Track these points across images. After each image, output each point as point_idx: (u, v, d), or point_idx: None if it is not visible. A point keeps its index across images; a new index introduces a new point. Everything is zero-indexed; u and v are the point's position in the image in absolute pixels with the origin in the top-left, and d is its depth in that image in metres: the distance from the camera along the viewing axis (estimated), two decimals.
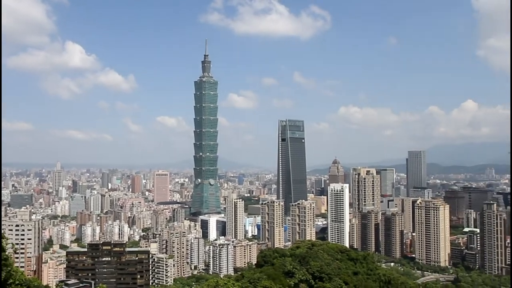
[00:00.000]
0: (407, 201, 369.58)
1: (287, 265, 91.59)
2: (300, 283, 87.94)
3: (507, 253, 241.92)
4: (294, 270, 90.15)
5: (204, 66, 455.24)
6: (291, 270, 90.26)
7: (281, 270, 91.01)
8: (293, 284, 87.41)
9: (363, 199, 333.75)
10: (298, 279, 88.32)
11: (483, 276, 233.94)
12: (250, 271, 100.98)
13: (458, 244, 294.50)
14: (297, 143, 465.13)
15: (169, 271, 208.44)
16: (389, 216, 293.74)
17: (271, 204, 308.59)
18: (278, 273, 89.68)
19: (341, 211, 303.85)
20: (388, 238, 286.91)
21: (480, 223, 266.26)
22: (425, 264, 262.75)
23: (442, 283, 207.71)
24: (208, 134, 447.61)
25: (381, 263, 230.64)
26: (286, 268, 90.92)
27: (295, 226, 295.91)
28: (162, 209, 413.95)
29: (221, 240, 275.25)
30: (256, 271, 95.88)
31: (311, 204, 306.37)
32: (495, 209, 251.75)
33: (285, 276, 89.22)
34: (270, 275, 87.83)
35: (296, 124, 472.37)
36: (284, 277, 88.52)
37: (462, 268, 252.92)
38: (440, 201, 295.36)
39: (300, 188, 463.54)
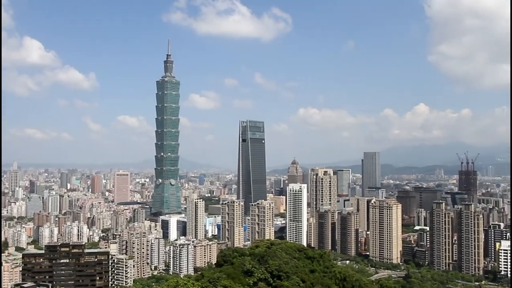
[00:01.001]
0: (362, 201, 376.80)
1: (246, 264, 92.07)
2: (259, 281, 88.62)
3: (454, 249, 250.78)
4: (253, 269, 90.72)
5: (166, 66, 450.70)
6: (250, 269, 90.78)
7: (240, 269, 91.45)
8: (252, 283, 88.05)
9: (321, 199, 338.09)
10: (257, 278, 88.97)
11: (432, 272, 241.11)
12: (210, 271, 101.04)
13: (409, 241, 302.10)
14: (257, 143, 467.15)
15: (129, 272, 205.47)
16: (345, 215, 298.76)
17: (231, 204, 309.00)
18: (238, 272, 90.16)
19: (299, 210, 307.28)
20: (344, 237, 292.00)
21: (429, 222, 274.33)
22: (379, 261, 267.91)
23: (394, 279, 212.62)
24: (169, 134, 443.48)
25: (337, 261, 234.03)
26: (245, 267, 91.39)
27: (254, 225, 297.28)
28: (122, 209, 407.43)
29: (182, 240, 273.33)
30: (216, 270, 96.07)
31: (270, 204, 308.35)
32: (443, 208, 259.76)
33: (244, 275, 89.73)
34: (229, 274, 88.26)
35: (257, 125, 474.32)
36: (244, 276, 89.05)
37: (413, 264, 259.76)
38: (393, 201, 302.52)
39: (260, 188, 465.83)
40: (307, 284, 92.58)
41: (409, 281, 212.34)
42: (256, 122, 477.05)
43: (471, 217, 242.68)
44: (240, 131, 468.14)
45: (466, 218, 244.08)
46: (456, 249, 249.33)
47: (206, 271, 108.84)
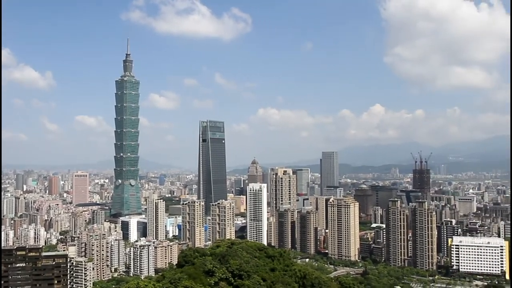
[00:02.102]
0: (321, 200, 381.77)
1: (207, 264, 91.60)
2: (220, 281, 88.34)
3: (409, 246, 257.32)
4: (214, 269, 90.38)
5: (125, 65, 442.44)
6: (211, 269, 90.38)
7: (201, 269, 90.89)
8: (213, 282, 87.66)
9: (280, 198, 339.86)
10: (218, 277, 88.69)
11: (388, 268, 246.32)
12: (171, 271, 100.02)
13: (366, 239, 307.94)
14: (217, 143, 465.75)
15: (88, 275, 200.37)
16: (304, 214, 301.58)
17: (192, 204, 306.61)
18: (199, 272, 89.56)
19: (259, 210, 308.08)
20: (303, 235, 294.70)
21: (386, 219, 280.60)
22: (337, 259, 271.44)
23: (352, 276, 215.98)
24: (129, 134, 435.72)
25: (297, 259, 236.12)
26: (206, 267, 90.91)
27: (215, 225, 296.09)
28: (81, 211, 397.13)
29: (142, 241, 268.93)
30: (177, 271, 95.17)
31: (231, 204, 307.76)
32: (398, 206, 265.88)
33: (205, 275, 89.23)
34: (190, 275, 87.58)
35: (217, 125, 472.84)
36: (205, 276, 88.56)
37: (370, 261, 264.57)
38: (350, 199, 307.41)
39: (220, 188, 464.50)
40: (267, 283, 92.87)
41: (367, 277, 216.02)
42: (216, 122, 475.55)
43: (424, 215, 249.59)
44: (200, 131, 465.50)
45: (420, 216, 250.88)
46: (411, 246, 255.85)
47: (167, 272, 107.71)
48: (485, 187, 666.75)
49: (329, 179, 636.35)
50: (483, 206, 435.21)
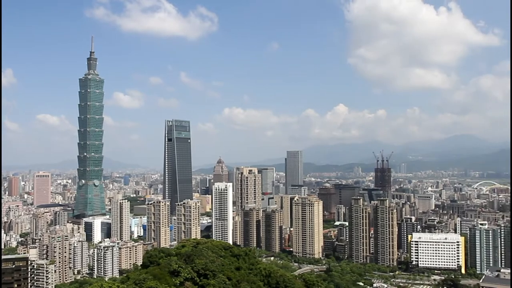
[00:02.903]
0: (286, 198, 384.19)
1: (172, 264, 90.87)
2: (185, 281, 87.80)
3: (371, 243, 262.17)
4: (180, 269, 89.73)
5: (89, 63, 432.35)
6: (176, 269, 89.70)
7: (166, 269, 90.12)
8: (178, 283, 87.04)
9: (246, 197, 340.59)
10: (183, 277, 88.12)
11: (351, 264, 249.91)
12: (136, 272, 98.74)
13: (330, 237, 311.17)
14: (183, 143, 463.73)
15: (50, 278, 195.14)
16: (269, 212, 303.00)
17: (157, 204, 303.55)
18: (164, 272, 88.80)
19: (225, 209, 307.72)
20: (268, 234, 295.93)
21: (348, 217, 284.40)
22: (302, 257, 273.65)
23: (316, 273, 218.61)
24: (93, 133, 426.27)
25: (262, 258, 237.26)
26: (171, 267, 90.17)
27: (180, 225, 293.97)
28: (42, 212, 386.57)
29: (106, 242, 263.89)
30: (142, 271, 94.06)
31: (196, 203, 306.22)
32: (361, 204, 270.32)
33: (171, 275, 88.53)
34: (155, 275, 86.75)
35: (182, 124, 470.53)
36: (170, 277, 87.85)
37: (334, 258, 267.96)
38: (314, 198, 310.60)
39: (186, 187, 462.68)
40: (233, 282, 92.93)
41: (330, 274, 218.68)
42: (182, 122, 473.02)
43: (386, 212, 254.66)
44: (165, 130, 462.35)
45: (381, 213, 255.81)
46: (373, 242, 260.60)
47: (132, 272, 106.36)
48: (443, 185, 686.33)
49: (294, 178, 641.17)
50: (441, 203, 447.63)
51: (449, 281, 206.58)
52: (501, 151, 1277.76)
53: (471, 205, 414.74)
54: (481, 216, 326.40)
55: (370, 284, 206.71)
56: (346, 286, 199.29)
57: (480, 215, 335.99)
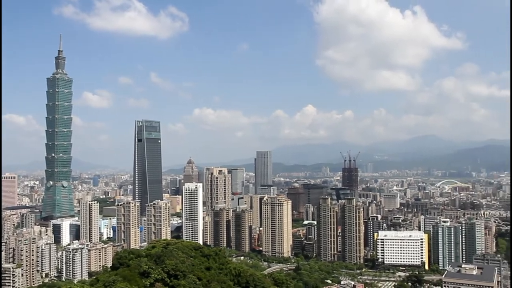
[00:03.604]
0: (255, 198, 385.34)
1: (142, 266, 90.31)
2: (155, 282, 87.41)
3: (339, 241, 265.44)
4: (150, 270, 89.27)
5: (58, 62, 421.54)
6: (146, 270, 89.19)
7: (136, 270, 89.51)
8: (148, 284, 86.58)
9: (216, 198, 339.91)
10: (153, 278, 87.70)
11: (320, 263, 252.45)
12: (105, 274, 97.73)
13: (299, 236, 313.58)
14: (153, 143, 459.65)
15: (17, 282, 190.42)
16: (239, 213, 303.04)
17: (127, 205, 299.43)
18: (134, 274, 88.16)
19: (195, 209, 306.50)
20: (238, 234, 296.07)
21: (317, 216, 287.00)
22: (271, 256, 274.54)
23: (286, 272, 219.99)
24: (61, 134, 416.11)
25: (232, 258, 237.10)
26: (141, 269, 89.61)
27: (151, 226, 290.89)
28: (9, 215, 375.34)
29: (75, 244, 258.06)
30: (112, 273, 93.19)
31: (167, 204, 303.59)
32: (329, 203, 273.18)
33: (141, 276, 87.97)
34: (125, 277, 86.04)
35: (153, 124, 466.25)
36: (140, 278, 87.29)
37: (302, 257, 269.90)
38: (283, 197, 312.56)
39: (156, 188, 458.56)
40: (203, 282, 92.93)
41: (299, 273, 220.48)
42: (152, 122, 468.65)
43: (353, 211, 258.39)
44: (135, 130, 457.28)
45: (348, 212, 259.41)
46: (341, 241, 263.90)
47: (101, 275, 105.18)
48: (408, 184, 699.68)
49: (263, 178, 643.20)
50: (406, 201, 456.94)
51: (413, 277, 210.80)
52: (461, 151, 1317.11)
53: (434, 203, 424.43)
54: (443, 214, 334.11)
55: (337, 281, 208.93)
56: (314, 284, 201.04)
57: (443, 213, 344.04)
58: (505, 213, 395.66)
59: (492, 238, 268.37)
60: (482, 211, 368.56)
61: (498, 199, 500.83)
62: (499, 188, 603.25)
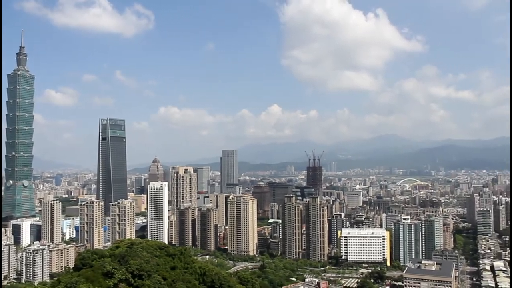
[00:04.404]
0: (221, 197, 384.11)
1: (106, 266, 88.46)
2: (119, 283, 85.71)
3: (303, 239, 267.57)
4: (114, 270, 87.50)
5: (19, 58, 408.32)
6: (110, 270, 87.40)
7: (100, 271, 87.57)
8: (112, 284, 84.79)
9: (181, 197, 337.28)
10: (117, 279, 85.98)
11: (284, 261, 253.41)
12: (67, 276, 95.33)
13: (264, 234, 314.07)
14: (118, 142, 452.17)
15: None
16: (204, 211, 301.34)
17: (90, 204, 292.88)
18: (97, 274, 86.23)
19: (160, 208, 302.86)
20: (204, 233, 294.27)
21: (282, 215, 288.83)
22: (236, 254, 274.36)
23: (251, 270, 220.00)
24: (22, 132, 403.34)
25: (198, 257, 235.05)
26: (105, 269, 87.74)
27: (115, 226, 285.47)
28: None
29: (36, 245, 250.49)
30: (74, 274, 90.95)
31: (131, 203, 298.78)
32: (293, 202, 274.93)
33: (104, 277, 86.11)
34: (88, 278, 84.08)
35: (117, 123, 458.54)
36: (103, 278, 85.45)
37: (267, 255, 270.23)
38: (249, 196, 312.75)
39: (121, 187, 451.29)
40: (168, 282, 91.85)
41: (264, 271, 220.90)
42: (117, 120, 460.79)
43: (317, 209, 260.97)
44: (100, 129, 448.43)
45: (313, 210, 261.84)
46: (305, 239, 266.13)
47: (63, 276, 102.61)
48: (370, 182, 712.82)
49: (229, 177, 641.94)
50: (368, 200, 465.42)
51: (375, 274, 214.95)
52: (421, 150, 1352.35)
53: (396, 201, 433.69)
54: (404, 212, 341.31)
55: (302, 279, 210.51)
56: (279, 282, 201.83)
57: (404, 210, 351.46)
58: (462, 210, 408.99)
59: (450, 235, 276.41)
60: (441, 208, 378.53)
61: (456, 196, 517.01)
62: (457, 186, 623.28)
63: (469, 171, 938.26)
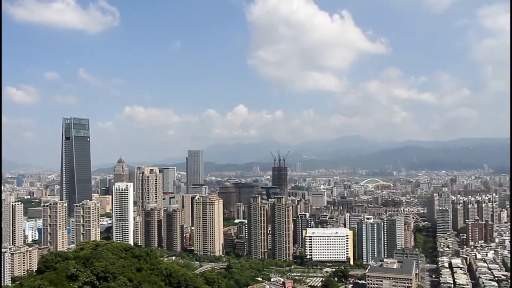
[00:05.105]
0: (187, 197, 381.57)
1: (70, 268, 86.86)
2: (84, 285, 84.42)
3: (269, 239, 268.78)
4: (78, 272, 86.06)
5: None
6: (74, 273, 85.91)
7: (64, 274, 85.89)
8: (76, 287, 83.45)
9: (147, 197, 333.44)
10: (82, 281, 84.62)
11: (250, 261, 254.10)
12: (30, 279, 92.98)
13: (230, 234, 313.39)
14: (82, 141, 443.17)
15: None
16: (170, 212, 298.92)
17: (54, 205, 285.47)
18: (61, 277, 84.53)
19: (125, 209, 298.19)
20: (170, 233, 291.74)
21: (247, 215, 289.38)
22: (203, 255, 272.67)
23: (217, 271, 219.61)
24: None
25: (164, 258, 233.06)
26: (69, 272, 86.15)
27: (79, 227, 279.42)
28: None
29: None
30: (37, 278, 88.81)
31: (96, 204, 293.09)
32: (259, 202, 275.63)
33: (68, 280, 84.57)
34: (52, 281, 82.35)
35: (81, 122, 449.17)
36: (68, 281, 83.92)
37: (234, 255, 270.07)
38: (215, 196, 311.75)
39: (85, 188, 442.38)
40: (134, 283, 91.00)
41: (230, 271, 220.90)
42: (81, 120, 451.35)
43: (282, 209, 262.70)
44: (63, 128, 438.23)
45: (278, 210, 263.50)
46: (271, 239, 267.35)
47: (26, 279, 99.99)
48: (334, 183, 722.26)
49: (195, 177, 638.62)
50: (332, 199, 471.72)
51: (339, 273, 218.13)
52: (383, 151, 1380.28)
53: (359, 201, 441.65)
54: (367, 211, 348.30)
55: (268, 279, 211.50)
56: (245, 282, 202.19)
57: (367, 210, 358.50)
58: (422, 210, 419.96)
59: (410, 233, 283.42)
60: (402, 208, 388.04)
61: (416, 196, 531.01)
62: (417, 186, 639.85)
63: (429, 171, 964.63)
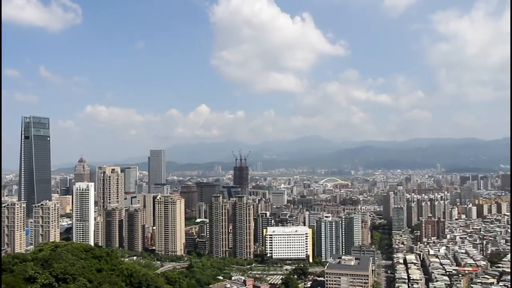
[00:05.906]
0: (149, 197, 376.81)
1: (28, 270, 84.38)
2: (42, 287, 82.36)
3: (230, 238, 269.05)
4: (36, 274, 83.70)
5: None
6: (32, 275, 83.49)
7: (21, 276, 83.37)
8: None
9: (108, 197, 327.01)
10: (40, 283, 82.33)
11: (212, 260, 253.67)
12: None
13: (191, 234, 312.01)
14: (41, 141, 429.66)
15: None
16: (132, 212, 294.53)
17: (12, 206, 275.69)
18: (18, 280, 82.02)
19: (86, 209, 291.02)
20: (131, 233, 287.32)
21: (209, 214, 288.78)
22: (164, 255, 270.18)
23: (179, 270, 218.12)
24: None
25: (125, 258, 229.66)
26: (27, 274, 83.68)
27: (38, 228, 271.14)
28: None
29: None
30: None
31: (56, 205, 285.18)
32: (220, 201, 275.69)
33: (26, 282, 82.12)
34: (9, 284, 79.72)
35: (41, 121, 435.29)
36: (25, 284, 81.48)
37: (195, 255, 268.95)
38: (177, 196, 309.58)
39: (44, 188, 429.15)
40: (94, 284, 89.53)
41: (192, 270, 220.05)
42: (41, 118, 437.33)
43: (243, 208, 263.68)
44: (22, 127, 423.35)
45: (239, 209, 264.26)
46: (232, 238, 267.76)
47: None
48: (294, 182, 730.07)
49: (157, 176, 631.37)
50: (292, 198, 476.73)
51: (299, 270, 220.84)
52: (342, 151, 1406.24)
53: (318, 199, 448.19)
54: (326, 210, 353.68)
55: (229, 277, 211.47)
56: (206, 281, 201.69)
57: (325, 208, 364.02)
58: (378, 208, 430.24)
59: (367, 231, 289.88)
60: (359, 206, 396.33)
61: (373, 195, 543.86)
62: (374, 185, 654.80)
63: (385, 170, 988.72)
